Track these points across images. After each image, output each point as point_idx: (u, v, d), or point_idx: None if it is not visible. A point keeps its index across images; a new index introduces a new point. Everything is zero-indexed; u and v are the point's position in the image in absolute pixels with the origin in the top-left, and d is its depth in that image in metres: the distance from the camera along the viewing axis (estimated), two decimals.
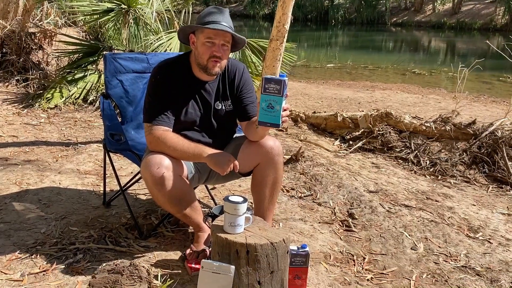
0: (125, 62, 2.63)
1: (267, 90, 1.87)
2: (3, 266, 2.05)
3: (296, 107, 6.55)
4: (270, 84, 1.86)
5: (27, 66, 5.31)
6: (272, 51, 4.09)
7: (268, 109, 1.89)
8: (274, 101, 1.87)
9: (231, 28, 2.08)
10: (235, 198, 1.82)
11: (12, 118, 4.35)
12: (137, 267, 1.51)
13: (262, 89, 1.87)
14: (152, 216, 2.60)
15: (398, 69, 12.48)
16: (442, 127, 4.52)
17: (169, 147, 2.03)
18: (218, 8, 2.10)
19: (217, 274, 1.74)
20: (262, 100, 1.88)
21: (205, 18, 2.05)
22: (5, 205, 2.67)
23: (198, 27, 2.06)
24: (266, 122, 1.91)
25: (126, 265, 1.51)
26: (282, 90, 1.86)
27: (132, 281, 1.46)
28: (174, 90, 2.12)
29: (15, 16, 5.37)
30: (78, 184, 3.05)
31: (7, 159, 3.39)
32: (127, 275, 1.47)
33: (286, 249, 1.84)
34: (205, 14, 2.08)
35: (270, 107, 1.88)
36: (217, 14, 2.05)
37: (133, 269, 1.49)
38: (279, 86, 1.86)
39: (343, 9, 31.21)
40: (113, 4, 4.72)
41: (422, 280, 2.25)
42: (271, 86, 1.86)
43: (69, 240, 2.27)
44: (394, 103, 7.34)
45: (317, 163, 3.65)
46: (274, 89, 1.86)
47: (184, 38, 2.17)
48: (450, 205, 3.25)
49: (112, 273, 1.47)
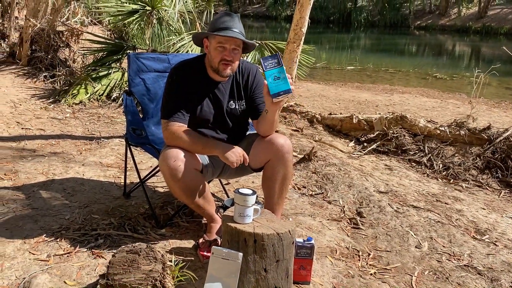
0: (147, 61, 2.79)
1: (268, 67, 2.06)
2: (31, 247, 2.22)
3: (313, 108, 6.63)
4: (268, 61, 2.06)
5: (55, 63, 5.55)
6: (289, 53, 4.22)
7: (275, 81, 2.06)
8: (278, 72, 2.06)
9: (241, 33, 2.22)
10: (245, 191, 1.95)
11: (39, 112, 4.57)
12: (153, 249, 1.65)
13: (263, 68, 2.06)
14: (168, 207, 2.75)
15: (419, 73, 12.43)
16: (456, 132, 4.57)
17: (184, 141, 2.17)
18: (229, 14, 2.24)
19: (226, 260, 1.87)
20: (267, 77, 2.06)
21: (217, 24, 2.20)
22: (33, 193, 2.85)
23: (210, 34, 2.20)
24: (279, 92, 2.06)
25: (143, 247, 1.65)
26: (280, 61, 2.07)
27: (148, 261, 1.60)
28: (190, 89, 2.27)
29: (44, 15, 5.62)
30: (101, 176, 3.23)
31: (35, 151, 3.60)
32: (144, 255, 1.61)
33: (291, 240, 1.95)
34: (217, 20, 2.22)
35: (276, 78, 2.06)
36: (228, 20, 2.20)
37: (149, 250, 1.63)
38: (276, 59, 2.06)
39: (366, 12, 31.10)
40: (138, 6, 4.92)
41: (423, 276, 2.34)
42: (269, 62, 2.06)
43: (91, 226, 2.44)
44: (411, 107, 7.37)
45: (330, 163, 3.75)
46: (273, 63, 2.06)
47: (198, 42, 2.32)
48: (459, 207, 3.31)
49: (130, 253, 1.61)
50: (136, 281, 1.55)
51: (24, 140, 3.80)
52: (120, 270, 1.56)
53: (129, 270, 1.56)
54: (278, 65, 2.06)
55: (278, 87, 2.05)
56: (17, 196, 2.79)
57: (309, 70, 11.88)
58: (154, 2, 5.10)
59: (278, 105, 2.16)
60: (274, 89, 2.05)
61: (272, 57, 2.07)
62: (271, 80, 2.05)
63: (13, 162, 3.32)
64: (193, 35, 2.36)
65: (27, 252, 2.18)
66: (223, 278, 1.88)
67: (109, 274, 1.56)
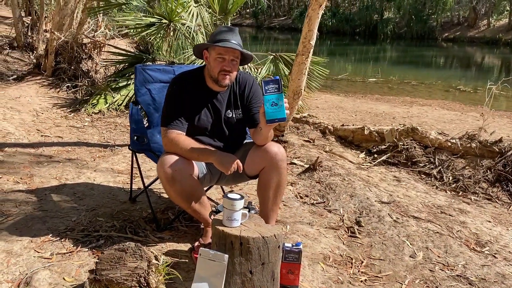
0: (153, 73, 2.93)
1: (268, 91, 2.10)
2: (37, 246, 2.37)
3: (328, 119, 6.70)
4: (269, 85, 2.10)
5: (77, 74, 5.81)
6: (298, 65, 4.30)
7: (273, 107, 2.11)
8: (277, 98, 2.11)
9: (240, 45, 2.33)
10: (233, 195, 2.04)
11: (59, 121, 4.80)
12: (140, 248, 1.76)
13: (264, 91, 2.10)
14: (169, 212, 2.87)
15: (443, 85, 12.30)
16: (467, 144, 4.54)
17: (181, 148, 2.28)
18: (228, 27, 2.37)
19: (212, 261, 1.96)
20: (265, 101, 2.11)
21: (216, 36, 2.32)
22: (44, 196, 3.02)
23: (211, 45, 2.32)
24: (274, 119, 2.12)
25: (132, 246, 1.76)
26: (280, 87, 2.10)
27: (134, 259, 1.71)
28: (188, 99, 2.39)
29: (69, 28, 5.90)
30: (110, 182, 3.38)
31: (51, 157, 3.79)
32: (131, 253, 1.71)
33: (277, 243, 2.03)
34: (217, 32, 2.34)
35: (274, 104, 2.11)
36: (227, 32, 2.32)
37: (137, 249, 1.74)
38: (277, 85, 2.10)
39: (392, 24, 30.93)
40: (155, 19, 5.11)
41: (414, 285, 2.37)
42: (270, 86, 2.10)
43: (94, 228, 2.57)
44: (429, 119, 7.32)
45: (335, 173, 3.80)
46: (273, 88, 2.10)
47: (199, 53, 2.44)
48: (463, 219, 3.31)
49: (118, 251, 1.72)
50: (122, 277, 1.66)
51: (42, 147, 4.01)
52: (107, 266, 1.67)
53: (115, 266, 1.67)
54: (278, 91, 2.09)
55: (274, 114, 2.11)
56: (30, 198, 2.96)
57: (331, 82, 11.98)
58: (171, 16, 5.29)
59: (272, 126, 2.24)
60: (271, 115, 2.11)
61: (273, 82, 2.10)
62: (268, 105, 2.10)
63: (30, 167, 3.52)
64: (194, 46, 2.49)
65: (33, 250, 2.32)
66: (209, 279, 1.97)
67: (97, 270, 1.67)
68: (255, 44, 26.37)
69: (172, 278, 2.04)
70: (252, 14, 39.96)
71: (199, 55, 2.45)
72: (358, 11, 33.36)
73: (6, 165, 3.52)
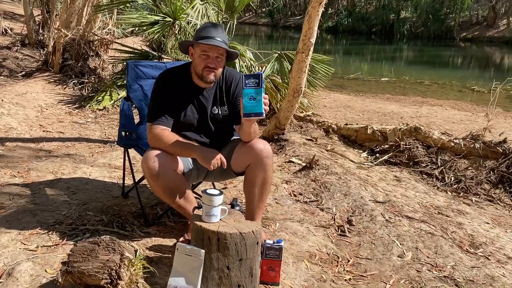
0: (145, 69, 2.95)
1: (247, 85, 2.08)
2: (24, 239, 2.41)
3: (334, 118, 6.64)
4: (249, 79, 2.08)
5: (84, 71, 5.88)
6: (298, 63, 4.28)
7: (251, 101, 2.09)
8: (255, 93, 2.08)
9: (225, 42, 2.33)
10: (212, 191, 2.04)
11: (63, 117, 4.87)
12: (114, 241, 1.77)
13: (243, 85, 2.08)
14: (158, 207, 2.88)
15: (457, 85, 12.11)
16: (471, 145, 4.47)
17: (165, 143, 2.29)
18: (213, 23, 2.37)
19: (189, 256, 1.97)
20: (244, 95, 2.09)
21: (201, 33, 2.32)
22: (39, 189, 3.07)
23: (195, 42, 2.32)
24: (250, 113, 2.10)
25: (105, 239, 1.77)
26: (260, 83, 2.06)
27: (106, 252, 1.72)
28: (174, 94, 2.40)
29: (76, 26, 5.98)
30: (106, 177, 3.41)
31: (50, 152, 3.85)
32: (103, 246, 1.73)
33: (255, 240, 2.02)
34: (202, 29, 2.35)
35: (252, 99, 2.08)
36: (212, 29, 2.32)
37: (110, 242, 1.75)
38: (257, 80, 2.07)
39: (409, 23, 30.55)
40: (159, 17, 5.14)
41: (398, 285, 2.34)
42: (251, 80, 2.07)
43: (82, 222, 2.60)
44: (438, 119, 7.22)
45: (331, 172, 3.78)
46: (253, 83, 2.07)
47: (185, 50, 2.45)
48: (461, 221, 3.26)
49: (90, 243, 1.74)
50: (93, 269, 1.67)
51: (42, 142, 4.07)
52: (79, 258, 1.69)
53: (87, 258, 1.69)
54: (257, 86, 2.06)
55: (252, 108, 2.08)
56: (24, 192, 3.01)
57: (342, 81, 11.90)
58: (176, 14, 5.31)
59: (251, 121, 2.23)
60: (248, 109, 2.09)
61: (254, 77, 2.08)
62: (246, 99, 2.08)
63: (28, 162, 3.58)
64: (179, 43, 2.50)
65: (19, 242, 2.36)
66: (186, 273, 1.97)
67: (69, 262, 1.69)
68: (270, 43, 26.34)
69: (152, 272, 2.05)
70: (267, 13, 39.92)
71: (185, 51, 2.45)
72: (375, 11, 33.06)
73: (5, 159, 3.59)
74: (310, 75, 5.99)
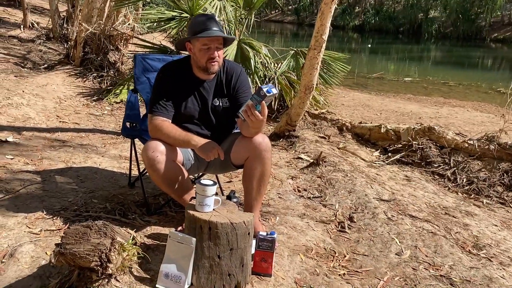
0: (153, 62, 3.02)
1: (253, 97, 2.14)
2: (29, 222, 2.50)
3: (350, 117, 6.60)
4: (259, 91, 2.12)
5: (104, 64, 6.02)
6: (310, 59, 4.29)
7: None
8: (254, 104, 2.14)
9: (220, 30, 2.38)
10: (206, 181, 2.09)
11: (80, 109, 5.01)
12: (107, 226, 1.83)
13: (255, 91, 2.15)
14: (161, 197, 2.95)
15: (482, 87, 11.83)
16: (485, 146, 4.38)
17: (164, 134, 2.35)
18: (205, 14, 2.42)
19: (180, 243, 2.02)
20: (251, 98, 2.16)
21: (196, 27, 2.37)
22: (49, 177, 3.18)
23: (194, 38, 2.37)
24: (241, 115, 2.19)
25: (99, 223, 1.84)
26: (260, 100, 2.12)
27: (98, 235, 1.78)
28: (175, 86, 2.45)
29: (97, 20, 6.12)
30: (115, 167, 3.50)
31: (64, 142, 3.97)
32: (95, 230, 1.79)
33: (246, 230, 2.06)
34: (195, 23, 2.40)
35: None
36: (206, 21, 2.36)
37: (102, 226, 1.82)
38: (260, 98, 2.12)
39: (437, 23, 29.94)
40: (176, 13, 5.22)
41: (392, 282, 2.33)
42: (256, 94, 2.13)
43: (86, 209, 2.69)
44: (457, 121, 7.08)
45: (338, 169, 3.77)
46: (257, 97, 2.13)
47: (181, 47, 2.50)
48: (467, 222, 3.21)
49: (83, 227, 1.80)
50: (85, 252, 1.74)
51: (58, 132, 4.20)
52: (72, 241, 1.76)
53: (79, 241, 1.75)
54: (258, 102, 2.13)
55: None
56: (35, 179, 3.12)
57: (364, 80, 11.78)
58: (193, 10, 5.38)
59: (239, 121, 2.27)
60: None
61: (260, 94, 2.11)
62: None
63: (42, 150, 3.70)
64: (176, 42, 2.56)
65: (25, 226, 2.46)
66: (178, 260, 2.02)
67: (62, 244, 1.76)
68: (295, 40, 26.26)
69: (147, 258, 2.11)
70: (293, 11, 39.78)
71: (182, 48, 2.50)
72: (403, 10, 32.51)
73: (21, 147, 3.72)
74: (326, 72, 6.00)
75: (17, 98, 4.72)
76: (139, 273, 2.04)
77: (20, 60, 6.46)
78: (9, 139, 3.83)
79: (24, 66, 6.16)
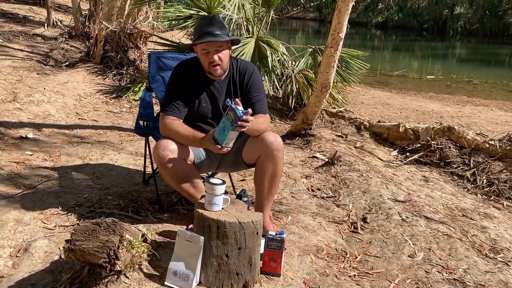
0: (167, 61, 3.04)
1: (227, 116, 2.15)
2: (45, 218, 2.56)
3: (370, 116, 6.53)
4: (230, 112, 2.13)
5: (123, 62, 6.09)
6: (327, 57, 4.25)
7: (221, 129, 2.18)
8: (227, 127, 2.15)
9: (221, 31, 2.37)
10: (214, 180, 2.09)
11: (99, 106, 5.08)
12: (116, 223, 1.86)
13: (225, 113, 2.16)
14: (173, 195, 2.97)
15: (508, 85, 11.52)
16: (507, 146, 4.28)
17: (173, 132, 2.37)
18: (207, 17, 2.44)
19: (189, 242, 2.03)
20: (221, 121, 2.17)
21: (196, 32, 2.41)
22: (66, 173, 3.24)
23: (193, 44, 2.42)
24: (216, 138, 2.20)
25: (108, 221, 1.86)
26: (234, 122, 2.11)
27: (107, 233, 1.81)
28: (189, 85, 2.47)
29: (117, 19, 6.20)
30: (131, 164, 3.55)
31: (82, 138, 4.04)
32: (104, 227, 1.82)
33: (254, 230, 2.06)
34: (197, 28, 2.42)
35: (223, 128, 2.17)
36: (205, 24, 2.38)
37: (111, 224, 1.84)
38: (234, 117, 2.11)
39: (463, 19, 29.26)
40: (194, 11, 5.24)
41: (403, 284, 2.30)
42: (230, 114, 2.13)
43: (100, 205, 2.73)
44: (480, 120, 6.91)
45: (354, 169, 3.73)
46: (230, 117, 2.13)
47: (191, 49, 2.55)
48: (485, 225, 3.14)
49: (92, 224, 1.83)
50: (93, 248, 1.77)
51: (76, 129, 4.28)
52: (81, 237, 1.79)
53: (89, 238, 1.78)
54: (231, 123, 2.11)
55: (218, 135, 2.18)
56: (52, 174, 3.19)
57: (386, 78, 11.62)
58: (211, 8, 5.40)
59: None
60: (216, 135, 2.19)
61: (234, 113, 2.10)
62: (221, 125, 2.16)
63: (60, 147, 3.78)
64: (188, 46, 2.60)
65: (40, 221, 2.51)
66: (186, 258, 2.04)
67: (72, 240, 1.79)
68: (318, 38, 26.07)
69: (157, 256, 2.13)
70: (315, 8, 39.48)
71: (193, 51, 2.53)
72: (427, 6, 31.88)
73: (40, 143, 3.81)
74: (344, 70, 5.93)
75: (38, 95, 4.82)
76: (149, 270, 2.07)
77: (43, 57, 6.59)
78: (29, 135, 3.92)
79: (47, 64, 6.29)
